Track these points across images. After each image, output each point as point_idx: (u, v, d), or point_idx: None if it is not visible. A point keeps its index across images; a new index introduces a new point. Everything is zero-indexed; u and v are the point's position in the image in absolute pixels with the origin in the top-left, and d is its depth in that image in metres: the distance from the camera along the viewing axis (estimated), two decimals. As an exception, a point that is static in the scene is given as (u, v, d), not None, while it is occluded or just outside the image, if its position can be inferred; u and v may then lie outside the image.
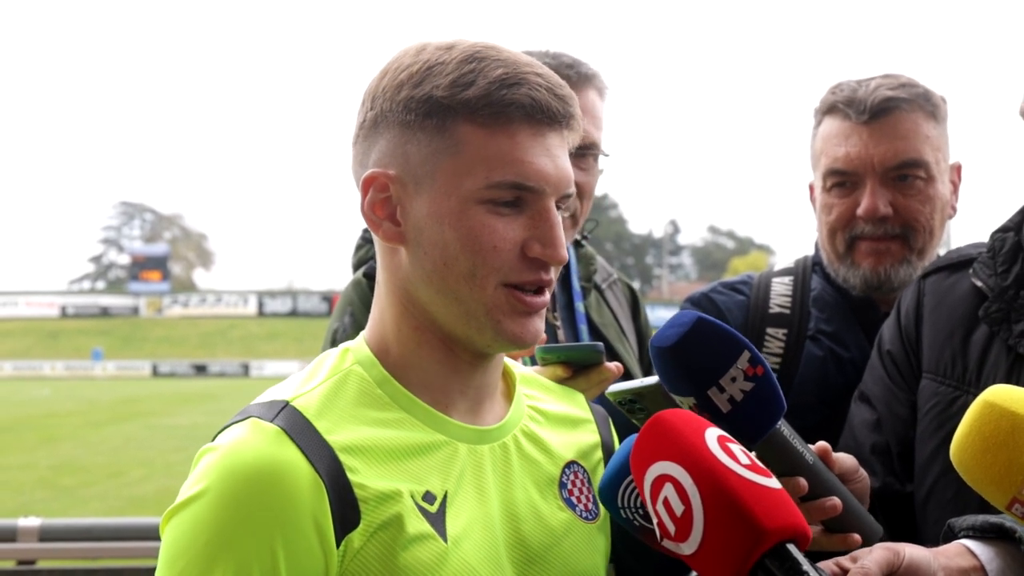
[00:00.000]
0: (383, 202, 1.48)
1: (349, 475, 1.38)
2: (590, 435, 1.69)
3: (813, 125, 2.59)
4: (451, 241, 1.43)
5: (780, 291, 2.62)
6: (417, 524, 1.40)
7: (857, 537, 1.63)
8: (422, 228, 1.45)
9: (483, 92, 1.42)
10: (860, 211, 2.44)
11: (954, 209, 2.57)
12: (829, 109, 2.52)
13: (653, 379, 1.57)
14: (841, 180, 2.48)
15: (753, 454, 1.52)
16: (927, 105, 2.46)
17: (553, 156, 1.45)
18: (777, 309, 2.58)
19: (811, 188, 2.63)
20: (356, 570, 1.37)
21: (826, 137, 2.52)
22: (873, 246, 2.46)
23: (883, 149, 2.42)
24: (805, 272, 2.65)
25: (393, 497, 1.39)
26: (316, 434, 1.39)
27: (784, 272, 2.68)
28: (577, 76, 2.44)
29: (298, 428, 1.38)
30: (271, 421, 1.39)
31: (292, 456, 1.35)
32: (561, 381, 1.81)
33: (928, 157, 2.44)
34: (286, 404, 1.42)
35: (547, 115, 1.44)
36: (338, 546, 1.35)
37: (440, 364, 1.51)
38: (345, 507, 1.36)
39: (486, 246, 1.43)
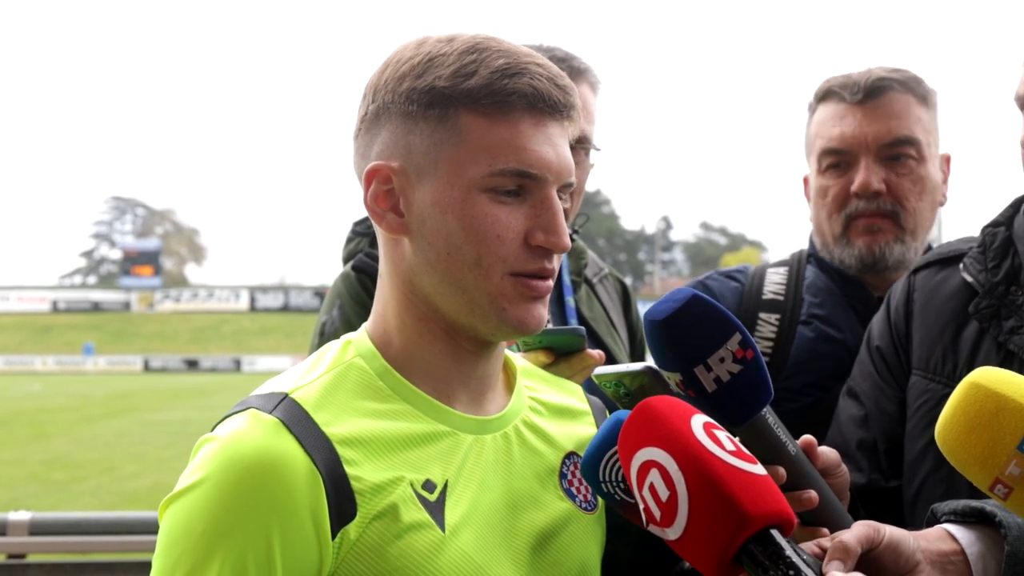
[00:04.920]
0: (386, 194, 1.49)
1: (346, 467, 1.38)
2: (588, 427, 1.70)
3: (808, 116, 2.64)
4: (455, 230, 1.44)
5: (775, 279, 2.66)
6: (414, 513, 1.40)
7: (827, 531, 1.63)
8: (425, 218, 1.46)
9: (485, 82, 1.43)
10: (854, 187, 2.50)
11: (945, 197, 2.63)
12: (824, 95, 2.59)
13: (640, 365, 1.58)
14: (836, 160, 2.54)
15: (737, 439, 1.52)
16: (918, 89, 2.55)
17: (554, 145, 1.47)
18: (771, 295, 2.62)
19: (805, 181, 2.67)
20: (353, 561, 1.37)
21: (821, 121, 2.58)
22: (868, 223, 2.51)
23: (876, 127, 2.49)
24: (800, 263, 2.69)
25: (390, 487, 1.40)
26: (314, 426, 1.40)
27: (780, 264, 2.73)
28: (570, 70, 2.44)
29: (296, 420, 1.39)
30: (270, 412, 1.39)
31: (290, 448, 1.36)
32: (544, 367, 1.82)
33: (920, 137, 2.51)
34: (285, 396, 1.43)
35: (548, 104, 1.45)
36: (334, 538, 1.36)
37: (443, 355, 1.52)
38: (342, 499, 1.37)
39: (490, 235, 1.44)
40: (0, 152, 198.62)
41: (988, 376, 1.41)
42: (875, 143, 2.49)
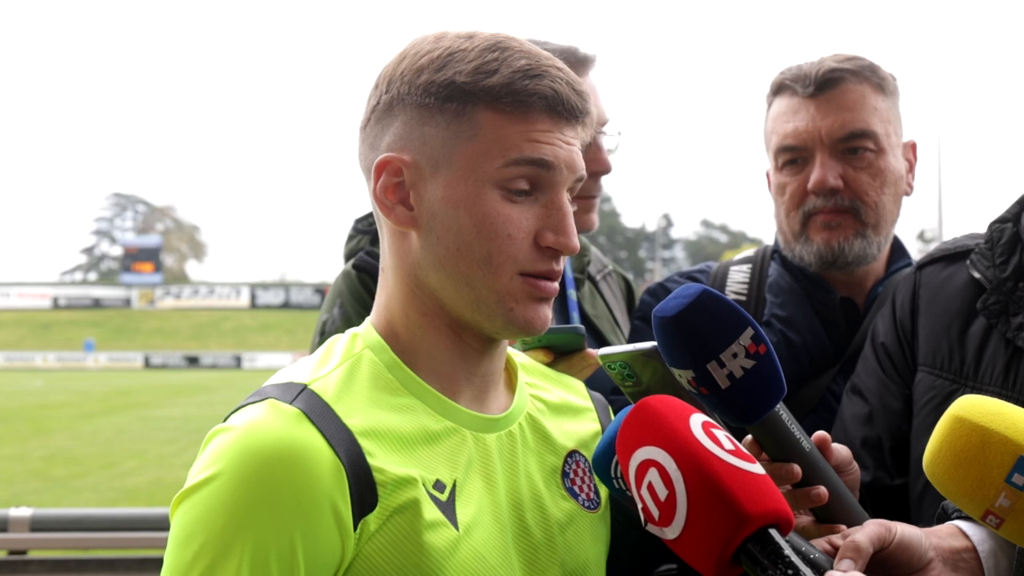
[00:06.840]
0: (396, 186, 1.49)
1: (368, 459, 1.38)
2: (591, 424, 1.70)
3: (765, 110, 2.56)
4: (466, 226, 1.44)
5: (737, 279, 2.60)
6: (431, 511, 1.40)
7: (843, 528, 1.62)
8: (436, 212, 1.46)
9: (506, 80, 1.44)
10: (810, 184, 2.41)
11: (911, 187, 2.53)
12: (777, 89, 2.50)
13: (647, 345, 1.56)
14: (792, 157, 2.46)
15: (748, 439, 1.50)
16: (873, 77, 2.43)
17: (568, 145, 1.48)
18: (732, 296, 2.55)
19: (768, 176, 2.58)
20: (371, 553, 1.37)
21: (775, 116, 2.49)
22: (826, 220, 2.42)
23: (830, 121, 2.39)
24: (764, 260, 2.62)
25: (409, 482, 1.39)
26: (335, 417, 1.39)
27: (743, 260, 2.66)
28: (575, 62, 2.43)
29: (318, 411, 1.38)
30: (290, 403, 1.38)
31: (313, 438, 1.35)
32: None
33: (877, 128, 2.41)
34: (304, 387, 1.42)
35: (566, 108, 1.46)
36: (355, 529, 1.35)
37: (448, 350, 1.51)
38: (363, 490, 1.36)
39: (501, 234, 1.44)
40: (1, 149, 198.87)
41: (972, 409, 1.39)
42: (829, 138, 2.39)
